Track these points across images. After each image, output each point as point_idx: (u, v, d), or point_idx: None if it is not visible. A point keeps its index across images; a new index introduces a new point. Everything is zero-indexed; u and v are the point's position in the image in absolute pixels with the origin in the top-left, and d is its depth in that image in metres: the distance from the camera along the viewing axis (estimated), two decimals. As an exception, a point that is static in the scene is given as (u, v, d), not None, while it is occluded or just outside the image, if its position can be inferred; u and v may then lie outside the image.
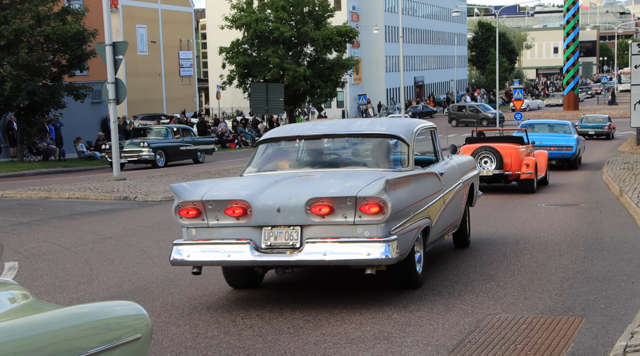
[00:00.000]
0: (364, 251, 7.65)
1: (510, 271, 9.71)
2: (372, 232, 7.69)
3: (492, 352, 6.48)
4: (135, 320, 4.25)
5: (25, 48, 32.25)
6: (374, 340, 6.92)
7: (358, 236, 7.71)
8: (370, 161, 9.27)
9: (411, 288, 8.61)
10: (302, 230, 7.81)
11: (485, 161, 18.42)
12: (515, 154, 18.68)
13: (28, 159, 35.53)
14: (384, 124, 9.70)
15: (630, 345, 5.91)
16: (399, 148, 9.27)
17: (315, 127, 9.95)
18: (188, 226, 8.05)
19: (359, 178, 8.22)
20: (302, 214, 7.75)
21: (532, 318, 7.50)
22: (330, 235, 7.76)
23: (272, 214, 7.81)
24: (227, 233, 7.96)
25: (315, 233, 7.79)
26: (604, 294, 8.35)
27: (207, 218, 7.98)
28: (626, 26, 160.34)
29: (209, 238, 7.99)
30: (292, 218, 7.78)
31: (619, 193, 16.74)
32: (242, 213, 7.85)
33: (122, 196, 19.07)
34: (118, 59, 23.75)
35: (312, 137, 9.66)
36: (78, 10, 35.48)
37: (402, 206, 8.02)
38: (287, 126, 10.98)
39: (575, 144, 25.54)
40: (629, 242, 11.53)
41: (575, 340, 6.74)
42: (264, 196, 7.92)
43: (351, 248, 7.69)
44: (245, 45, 50.69)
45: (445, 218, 9.69)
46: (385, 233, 7.69)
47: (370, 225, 7.69)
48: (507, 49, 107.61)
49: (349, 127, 9.79)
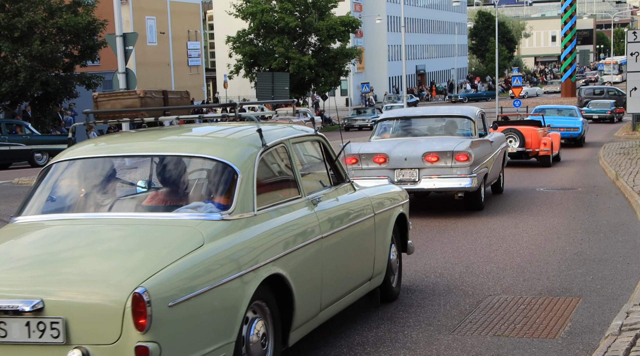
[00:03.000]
0: (457, 183, 12.45)
1: (509, 254, 9.72)
2: (461, 171, 12.39)
3: (492, 332, 6.50)
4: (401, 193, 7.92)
5: (38, 40, 32.23)
6: (378, 320, 6.94)
7: (453, 174, 12.42)
8: (453, 132, 13.63)
9: (478, 210, 13.15)
10: (419, 171, 12.55)
11: (510, 140, 20.84)
12: (535, 135, 21.53)
13: (42, 147, 35.56)
14: (458, 109, 14.51)
15: (625, 323, 5.92)
16: (469, 124, 13.60)
17: (414, 111, 15.57)
18: (350, 170, 12.15)
19: (451, 141, 12.90)
20: (420, 161, 12.53)
21: (530, 298, 7.52)
22: (436, 174, 12.48)
23: (401, 162, 12.58)
24: (373, 174, 12.54)
25: (427, 172, 12.52)
26: (600, 275, 8.36)
27: (361, 164, 12.70)
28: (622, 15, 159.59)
29: (361, 177, 12.12)
30: (414, 163, 12.56)
31: (615, 177, 16.72)
32: (383, 161, 12.63)
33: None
34: (128, 49, 23.68)
35: (415, 117, 14.62)
36: (89, 2, 35.42)
37: (477, 158, 12.61)
38: (394, 111, 16.58)
39: (581, 125, 29.01)
40: (624, 225, 11.53)
41: (572, 320, 6.76)
42: (396, 151, 12.65)
43: (449, 181, 12.45)
44: (251, 35, 50.59)
45: (493, 170, 14.11)
46: (469, 172, 12.40)
47: (460, 168, 12.38)
48: (506, 37, 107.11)
49: (436, 111, 15.27)
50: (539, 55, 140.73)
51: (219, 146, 5.72)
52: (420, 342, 6.30)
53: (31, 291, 4.45)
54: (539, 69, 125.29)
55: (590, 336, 6.28)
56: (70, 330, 4.36)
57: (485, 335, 6.44)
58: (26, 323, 4.40)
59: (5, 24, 32.18)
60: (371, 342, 6.34)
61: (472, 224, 11.97)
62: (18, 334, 4.42)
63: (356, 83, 78.84)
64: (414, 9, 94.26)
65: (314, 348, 6.24)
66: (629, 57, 31.84)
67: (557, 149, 22.65)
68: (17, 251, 5.06)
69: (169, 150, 5.74)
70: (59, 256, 4.84)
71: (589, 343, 6.12)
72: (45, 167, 5.82)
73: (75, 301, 4.40)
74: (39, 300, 4.37)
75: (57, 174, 5.75)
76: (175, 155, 5.65)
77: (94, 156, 5.87)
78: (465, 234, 11.19)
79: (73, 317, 4.36)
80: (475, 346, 6.16)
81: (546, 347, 6.07)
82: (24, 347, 4.43)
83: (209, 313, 4.68)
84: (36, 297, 4.38)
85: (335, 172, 6.78)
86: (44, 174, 5.78)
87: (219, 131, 6.26)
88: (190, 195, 5.48)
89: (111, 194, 5.61)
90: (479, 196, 13.13)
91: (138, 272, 4.43)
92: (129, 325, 4.28)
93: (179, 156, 5.63)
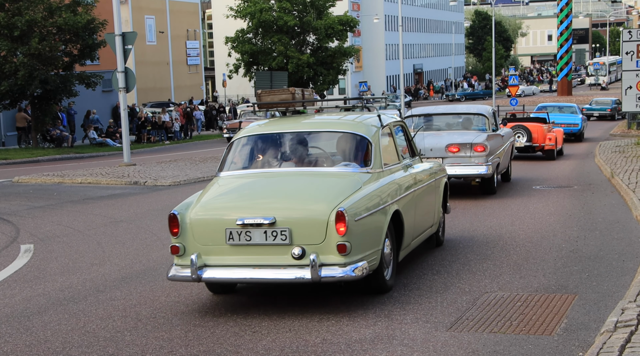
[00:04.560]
0: (475, 170, 14.39)
1: (506, 251, 9.72)
2: (479, 160, 14.38)
3: (489, 329, 6.50)
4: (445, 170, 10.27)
5: (38, 38, 32.16)
6: (376, 317, 6.94)
7: (472, 163, 14.36)
8: (470, 126, 15.56)
9: (491, 193, 14.99)
10: (443, 160, 14.17)
11: (518, 136, 22.61)
12: (541, 131, 23.22)
13: (42, 146, 35.52)
14: (474, 108, 16.35)
15: (620, 320, 5.92)
16: (483, 121, 15.55)
17: (437, 109, 16.72)
18: None
19: (469, 135, 14.96)
20: (443, 151, 14.41)
21: (527, 295, 7.52)
22: (457, 162, 14.37)
23: (427, 152, 13.32)
24: None
25: (449, 161, 14.32)
26: (596, 272, 8.36)
27: None
28: (617, 14, 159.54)
29: None
30: (438, 153, 14.29)
31: (610, 175, 16.73)
32: None
33: (132, 181, 19.08)
34: (127, 48, 23.68)
35: (437, 114, 16.24)
36: (88, 1, 35.36)
37: (491, 149, 14.59)
38: (422, 108, 17.32)
39: (580, 122, 31.42)
40: (619, 222, 11.53)
41: (568, 316, 6.76)
42: (423, 142, 13.04)
43: (468, 168, 14.39)
44: (250, 34, 50.52)
45: (503, 160, 16.06)
46: (485, 161, 14.39)
47: (478, 157, 14.38)
48: (503, 36, 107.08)
49: (455, 109, 17.00)
50: (536, 54, 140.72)
51: (358, 125, 8.28)
52: (418, 339, 6.30)
53: (267, 212, 6.99)
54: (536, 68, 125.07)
55: (586, 333, 6.28)
56: (293, 235, 6.93)
57: (482, 331, 6.44)
58: (264, 232, 6.96)
59: (5, 23, 32.12)
60: (369, 339, 6.34)
61: (469, 223, 11.97)
62: (259, 239, 6.98)
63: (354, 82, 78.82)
64: (412, 8, 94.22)
65: (312, 344, 6.24)
66: (624, 56, 31.85)
67: (560, 144, 24.29)
68: (245, 189, 7.68)
69: (329, 128, 8.51)
70: (277, 190, 7.53)
71: (584, 339, 6.13)
72: (230, 143, 8.34)
73: (296, 217, 7.00)
74: (272, 217, 6.94)
75: (239, 146, 8.28)
76: (336, 131, 8.34)
77: (266, 133, 8.42)
78: (462, 231, 11.19)
79: (295, 227, 6.94)
80: (472, 343, 6.16)
81: (542, 344, 6.08)
82: (263, 247, 7.00)
83: (371, 229, 7.31)
84: (270, 215, 6.95)
85: (410, 148, 9.45)
86: (230, 147, 8.30)
87: (356, 116, 8.74)
88: (342, 157, 8.07)
89: (284, 157, 8.15)
90: (493, 181, 15.04)
91: (335, 199, 7.10)
92: (332, 231, 6.89)
93: (337, 132, 8.30)
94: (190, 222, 7.16)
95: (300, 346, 6.17)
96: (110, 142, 37.08)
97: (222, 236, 7.04)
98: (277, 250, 6.94)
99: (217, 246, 7.08)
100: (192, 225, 7.15)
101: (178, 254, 7.19)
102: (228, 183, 7.76)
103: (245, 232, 6.97)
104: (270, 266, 6.97)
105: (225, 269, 7.09)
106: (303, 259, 6.87)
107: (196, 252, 7.08)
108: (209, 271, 7.08)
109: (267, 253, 6.98)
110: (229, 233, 7.01)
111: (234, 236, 7.00)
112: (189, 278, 7.09)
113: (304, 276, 6.85)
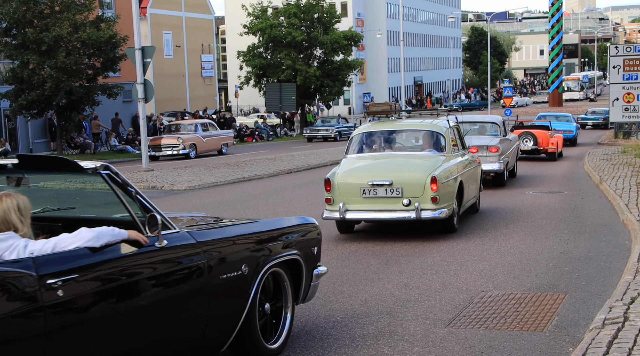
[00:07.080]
0: (490, 167, 16.30)
1: (500, 252, 9.70)
2: (493, 159, 16.52)
3: (485, 325, 6.49)
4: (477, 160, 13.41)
5: (64, 52, 32.28)
6: (378, 314, 6.93)
7: (488, 161, 16.25)
8: (485, 132, 17.86)
9: (502, 186, 17.10)
10: None
11: (525, 141, 25.22)
12: (545, 136, 25.70)
13: (67, 153, 35.58)
14: (489, 117, 19.29)
15: (608, 318, 5.90)
16: (495, 127, 17.95)
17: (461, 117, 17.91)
18: None
19: (485, 138, 17.15)
20: None
21: (520, 294, 7.50)
22: None
23: None
24: None
25: None
26: (585, 273, 8.34)
27: None
28: (605, 31, 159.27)
29: None
30: None
31: (599, 181, 16.68)
32: None
33: (150, 185, 19.09)
34: (146, 61, 23.73)
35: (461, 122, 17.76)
36: (111, 18, 35.44)
37: (502, 150, 16.81)
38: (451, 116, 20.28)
39: (575, 129, 33.67)
40: (607, 225, 11.50)
41: (559, 314, 6.74)
42: None
43: (485, 165, 15.42)
44: (261, 49, 50.61)
45: (511, 160, 18.14)
46: (498, 160, 16.55)
47: (492, 156, 16.50)
48: (498, 51, 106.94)
49: (472, 118, 18.97)
50: (528, 67, 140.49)
51: (435, 126, 11.72)
52: (418, 335, 6.28)
53: (386, 176, 10.42)
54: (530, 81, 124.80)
55: (576, 330, 6.26)
56: (403, 191, 10.36)
57: (478, 328, 6.42)
58: (385, 189, 10.39)
59: (34, 38, 32.24)
60: (372, 335, 6.32)
61: (466, 225, 11.94)
62: (382, 193, 10.41)
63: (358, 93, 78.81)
64: (412, 24, 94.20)
65: (318, 340, 6.23)
66: (611, 70, 31.85)
67: (560, 148, 26.60)
68: (370, 164, 11.11)
69: (416, 127, 12.01)
70: (391, 164, 10.96)
71: (574, 335, 6.11)
72: (350, 138, 11.90)
73: (405, 180, 10.41)
74: (390, 180, 10.38)
75: (358, 138, 11.84)
76: (421, 129, 11.83)
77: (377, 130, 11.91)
78: (460, 234, 11.17)
79: (404, 186, 10.36)
80: (468, 338, 6.14)
81: (535, 340, 6.06)
82: (384, 198, 10.43)
83: (449, 190, 10.67)
84: (389, 178, 10.40)
85: (461, 143, 12.42)
86: (351, 140, 11.86)
87: (432, 120, 12.21)
88: (427, 146, 11.49)
89: (387, 146, 11.70)
90: (503, 176, 17.23)
91: (428, 170, 10.53)
92: (428, 189, 10.31)
93: (422, 130, 11.79)
94: (338, 183, 10.58)
95: (307, 342, 6.16)
96: (130, 149, 37.13)
97: (358, 192, 10.47)
98: (393, 201, 10.34)
99: (355, 198, 10.48)
100: (338, 185, 10.57)
101: (329, 203, 10.59)
102: (355, 162, 11.19)
103: (373, 189, 10.43)
104: (388, 210, 10.36)
105: (360, 212, 10.52)
106: (409, 206, 10.29)
107: (341, 202, 10.48)
108: (349, 213, 10.51)
109: (386, 203, 10.36)
110: (362, 190, 10.47)
111: (366, 191, 10.45)
112: (338, 217, 10.52)
113: (410, 216, 10.25)
